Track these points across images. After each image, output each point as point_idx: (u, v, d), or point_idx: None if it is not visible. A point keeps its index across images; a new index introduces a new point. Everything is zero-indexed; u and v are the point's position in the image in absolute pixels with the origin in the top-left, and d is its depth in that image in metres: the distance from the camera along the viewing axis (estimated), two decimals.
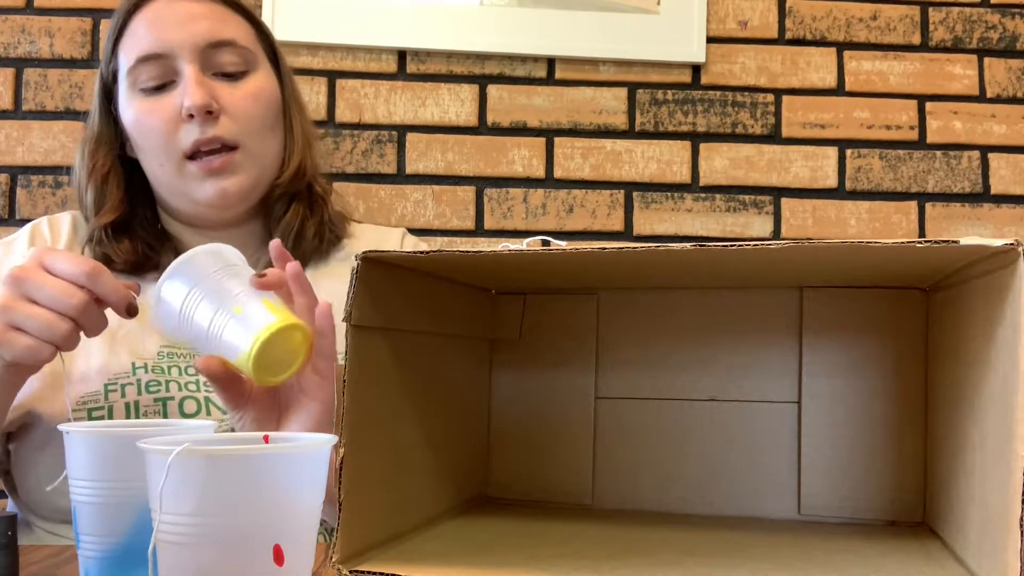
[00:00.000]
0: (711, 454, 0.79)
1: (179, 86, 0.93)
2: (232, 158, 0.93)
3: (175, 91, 0.93)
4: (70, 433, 0.56)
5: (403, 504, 0.67)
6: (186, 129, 0.92)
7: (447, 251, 0.58)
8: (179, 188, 0.95)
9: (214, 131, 0.92)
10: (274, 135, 0.98)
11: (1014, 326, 0.50)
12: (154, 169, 0.96)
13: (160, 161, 0.94)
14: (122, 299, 0.74)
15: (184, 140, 0.92)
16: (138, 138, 0.95)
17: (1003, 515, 0.50)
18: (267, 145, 0.97)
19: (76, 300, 0.72)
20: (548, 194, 1.58)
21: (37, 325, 0.71)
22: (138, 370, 0.91)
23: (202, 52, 0.93)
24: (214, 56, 0.94)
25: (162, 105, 0.92)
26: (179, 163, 0.93)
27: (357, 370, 0.58)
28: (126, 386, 0.89)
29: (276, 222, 1.00)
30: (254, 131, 0.95)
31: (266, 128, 0.97)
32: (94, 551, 0.55)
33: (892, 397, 0.76)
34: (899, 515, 0.75)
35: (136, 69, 0.93)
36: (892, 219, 1.61)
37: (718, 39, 1.61)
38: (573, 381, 0.83)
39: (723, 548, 0.65)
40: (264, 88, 0.97)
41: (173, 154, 0.93)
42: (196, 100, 0.90)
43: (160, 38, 0.93)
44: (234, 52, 0.95)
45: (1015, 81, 1.63)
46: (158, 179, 0.97)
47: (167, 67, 0.93)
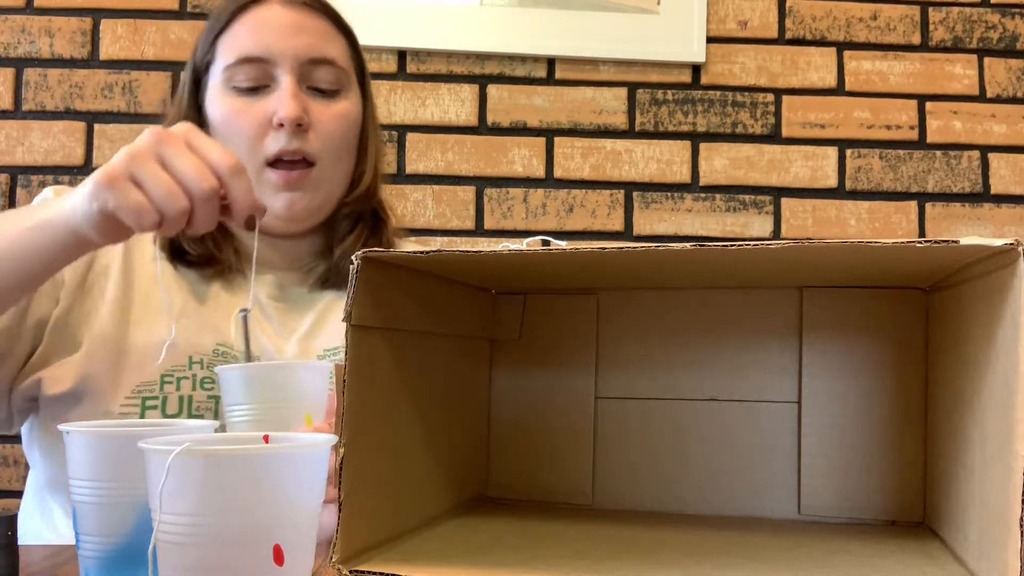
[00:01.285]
0: (711, 454, 0.79)
1: (273, 93, 0.94)
2: (308, 174, 0.94)
3: (268, 97, 0.94)
4: (70, 433, 0.56)
5: (403, 504, 0.67)
6: (273, 136, 0.93)
7: (447, 251, 0.58)
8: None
9: (299, 144, 0.93)
10: (349, 157, 1.00)
11: (1014, 326, 0.50)
12: None
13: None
14: (248, 207, 0.73)
15: (269, 147, 0.93)
16: (224, 136, 0.95)
17: (1003, 515, 0.50)
18: (341, 166, 0.99)
19: (206, 185, 0.71)
20: (548, 194, 1.58)
21: (158, 188, 0.70)
22: (194, 365, 0.91)
23: (302, 65, 0.94)
24: (312, 71, 0.95)
25: (254, 108, 0.93)
26: (259, 168, 0.94)
27: (357, 370, 0.58)
28: (182, 379, 0.90)
29: (339, 241, 1.01)
30: (333, 151, 0.96)
31: (344, 149, 0.98)
32: (94, 551, 0.55)
33: (892, 397, 0.76)
34: (899, 515, 0.75)
35: (234, 67, 0.94)
36: (892, 219, 1.61)
37: (718, 39, 1.61)
38: (573, 381, 0.83)
39: (723, 548, 0.65)
40: (351, 111, 0.98)
41: (255, 158, 0.93)
42: (291, 112, 0.91)
43: (264, 43, 0.94)
44: (331, 71, 0.96)
45: (1015, 81, 1.63)
46: None
47: (265, 72, 0.94)
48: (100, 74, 1.53)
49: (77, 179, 1.50)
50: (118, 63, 1.54)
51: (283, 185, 0.94)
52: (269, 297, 0.99)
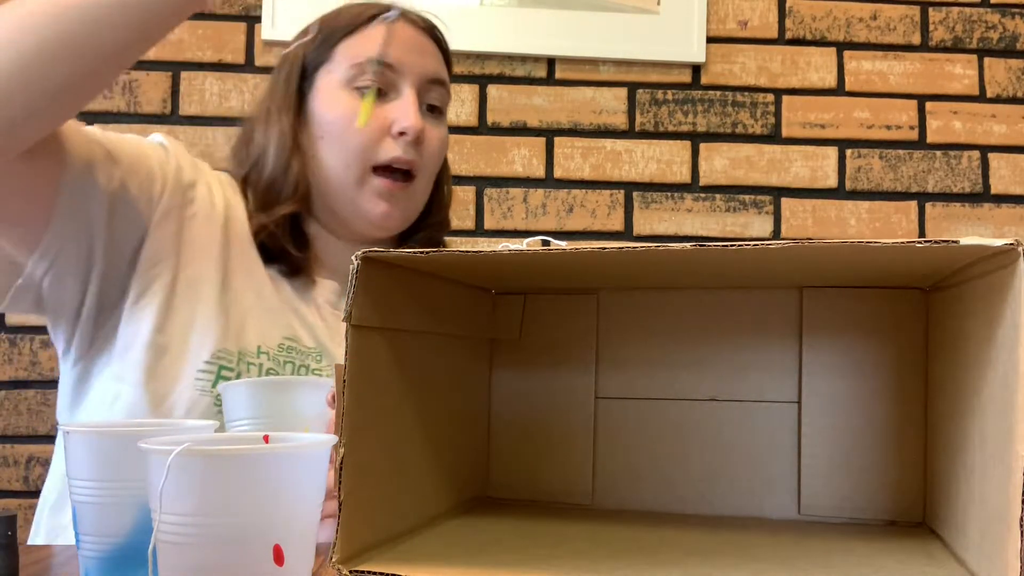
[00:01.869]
0: (711, 454, 0.79)
1: (392, 102, 0.96)
2: (409, 187, 0.98)
3: (388, 104, 0.96)
4: (70, 433, 0.56)
5: (403, 504, 0.67)
6: (389, 143, 0.95)
7: (447, 251, 0.58)
8: (351, 195, 0.97)
9: (413, 156, 0.96)
10: (433, 179, 1.03)
11: (1014, 326, 0.50)
12: (336, 166, 0.97)
13: (348, 162, 0.96)
14: None
15: (384, 152, 0.95)
16: (336, 133, 0.96)
17: (1003, 515, 0.50)
18: (429, 186, 1.02)
19: None
20: (548, 194, 1.58)
21: None
22: (262, 355, 0.93)
23: (424, 83, 0.98)
24: (429, 91, 0.99)
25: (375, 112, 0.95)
26: (365, 172, 0.96)
27: (357, 370, 0.58)
28: (251, 364, 0.92)
29: None
30: (430, 169, 1.00)
31: (435, 171, 1.02)
32: (94, 551, 0.55)
33: (892, 397, 0.76)
34: (899, 515, 0.75)
35: (362, 66, 0.95)
36: (892, 219, 1.61)
37: (718, 39, 1.61)
38: (573, 381, 0.83)
39: (723, 548, 0.65)
40: (446, 135, 1.03)
41: (364, 160, 0.95)
42: (416, 124, 0.95)
43: (396, 54, 0.96)
44: (442, 94, 1.01)
45: (1015, 81, 1.63)
46: (333, 177, 0.97)
47: (389, 79, 0.96)
48: None
49: None
50: None
51: (386, 193, 0.96)
52: (327, 302, 1.00)
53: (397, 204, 0.97)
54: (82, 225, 0.86)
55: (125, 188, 0.89)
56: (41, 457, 1.49)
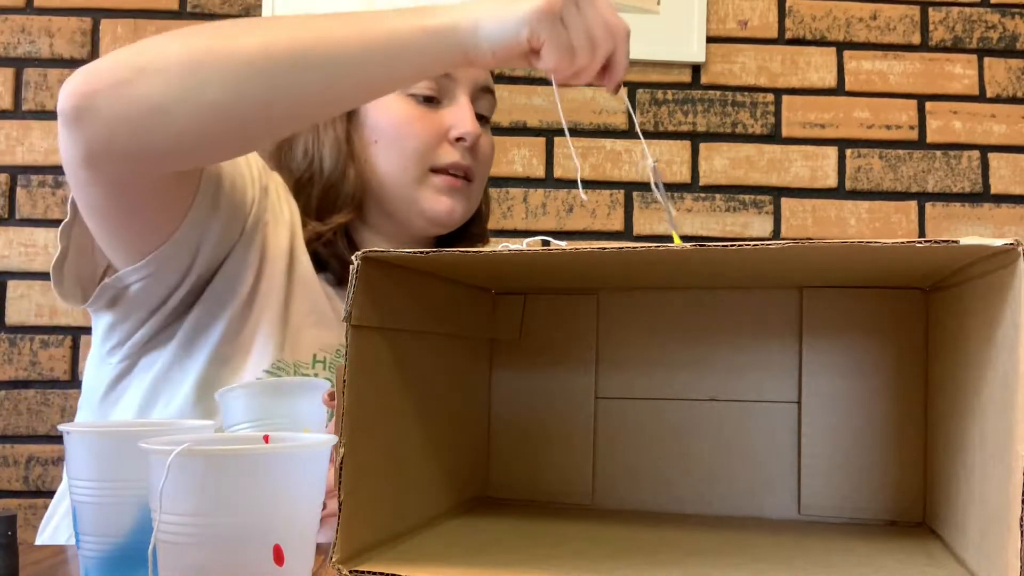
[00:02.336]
0: (711, 454, 0.79)
1: (448, 108, 0.97)
2: (468, 186, 0.99)
3: (443, 110, 0.97)
4: (70, 433, 0.56)
5: (403, 504, 0.67)
6: (447, 148, 0.97)
7: (447, 251, 0.58)
8: (411, 194, 0.97)
9: (470, 161, 0.98)
10: (484, 186, 1.05)
11: (1014, 326, 0.50)
12: (391, 169, 0.96)
13: (405, 165, 0.96)
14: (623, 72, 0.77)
15: (442, 157, 0.96)
16: (394, 138, 0.96)
17: (1003, 515, 0.50)
18: (481, 191, 1.04)
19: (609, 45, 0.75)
20: (548, 194, 1.58)
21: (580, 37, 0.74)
22: (317, 363, 0.93)
23: (477, 91, 0.99)
24: (480, 98, 1.00)
25: (431, 118, 0.96)
26: (423, 173, 0.96)
27: (357, 370, 0.58)
28: (305, 375, 0.92)
29: None
30: (483, 173, 1.02)
31: (486, 177, 1.04)
32: (94, 551, 0.55)
33: (892, 397, 0.76)
34: (899, 515, 0.75)
35: None
36: (892, 219, 1.61)
37: (718, 39, 1.61)
38: (573, 381, 0.83)
39: (723, 548, 0.65)
40: (493, 141, 1.05)
41: (423, 164, 0.96)
42: (474, 130, 0.96)
43: None
44: (491, 102, 1.03)
45: (1015, 81, 1.63)
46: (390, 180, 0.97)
47: (444, 87, 0.97)
48: None
49: None
50: None
51: (448, 190, 0.97)
52: None
53: (459, 200, 0.98)
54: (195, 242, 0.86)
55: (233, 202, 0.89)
56: (41, 457, 1.49)
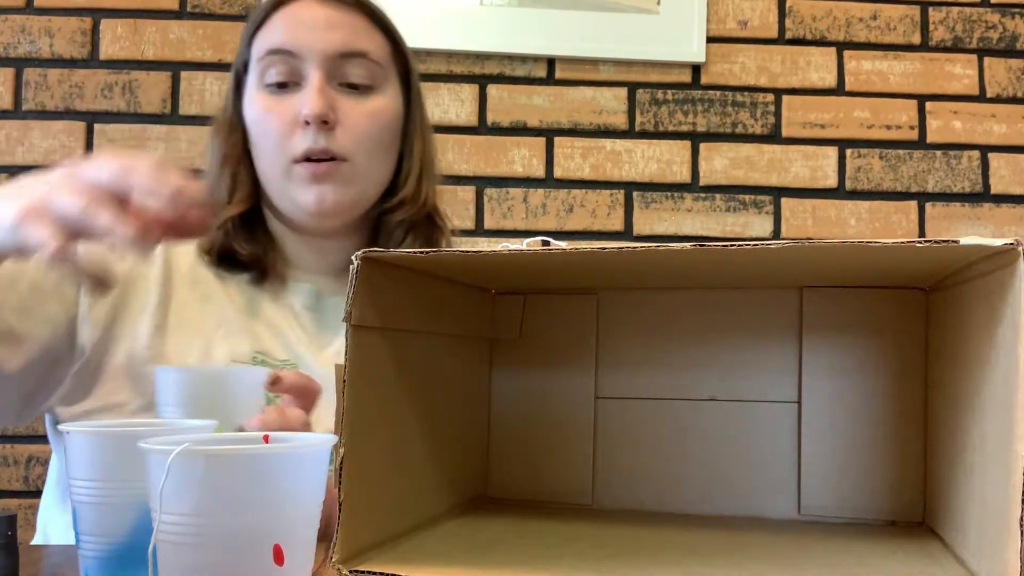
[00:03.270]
0: (711, 454, 0.79)
1: (302, 90, 0.92)
2: (338, 169, 0.92)
3: (297, 94, 0.92)
4: (70, 433, 0.56)
5: (403, 504, 0.67)
6: (301, 135, 0.91)
7: (447, 251, 0.58)
8: (284, 189, 0.94)
9: (326, 143, 0.91)
10: (387, 156, 0.97)
11: (1014, 326, 0.50)
12: (264, 167, 0.95)
13: (271, 160, 0.93)
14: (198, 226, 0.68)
15: (297, 145, 0.91)
16: (256, 135, 0.94)
17: (1003, 515, 0.50)
18: (376, 164, 0.96)
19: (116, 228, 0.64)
20: (548, 194, 1.58)
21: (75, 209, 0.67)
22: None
23: (331, 61, 0.92)
24: (343, 67, 0.93)
25: (282, 106, 0.92)
26: (287, 166, 0.92)
27: (357, 370, 0.58)
28: None
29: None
30: (365, 148, 0.94)
31: (380, 148, 0.95)
32: (94, 551, 0.55)
33: (892, 397, 0.76)
34: (899, 515, 0.75)
35: (263, 62, 0.93)
36: (892, 219, 1.61)
37: (718, 39, 1.61)
38: (573, 381, 0.83)
39: (723, 548, 0.65)
40: (386, 107, 0.96)
41: (284, 156, 0.92)
42: (314, 109, 0.90)
43: (294, 37, 0.92)
44: (364, 66, 0.94)
45: (1015, 81, 1.63)
46: (267, 177, 0.96)
47: (294, 67, 0.92)
48: (100, 74, 1.53)
49: None
50: (118, 63, 1.54)
51: (311, 178, 0.92)
52: (304, 307, 0.98)
53: (328, 186, 0.92)
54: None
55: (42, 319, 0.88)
56: (41, 457, 1.49)
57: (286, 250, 0.99)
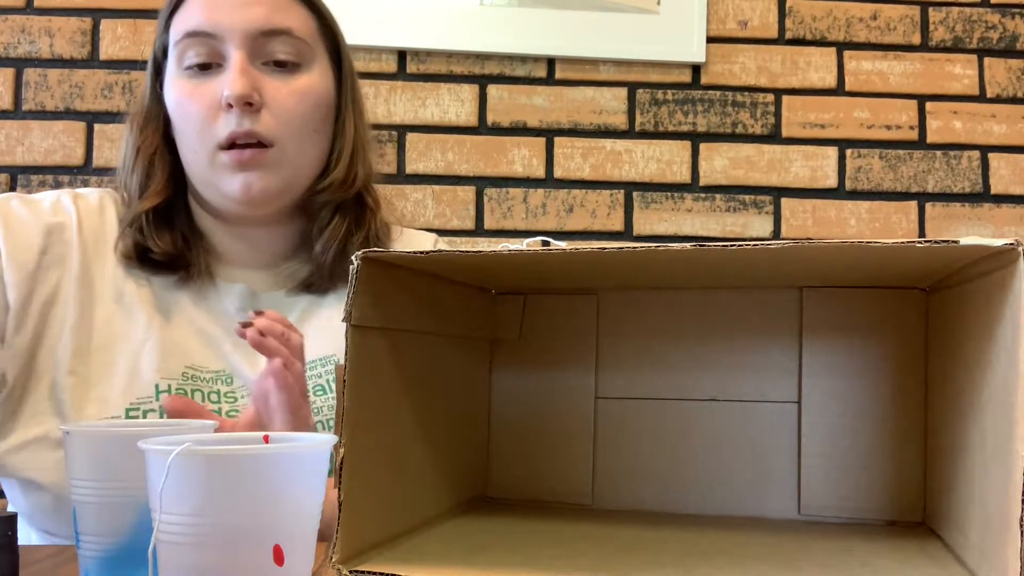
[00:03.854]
0: (711, 454, 0.79)
1: (224, 72, 0.87)
2: (264, 154, 0.88)
3: (219, 76, 0.88)
4: (70, 433, 0.56)
5: (403, 504, 0.67)
6: (224, 119, 0.87)
7: (447, 251, 0.58)
8: (209, 178, 0.89)
9: (251, 125, 0.86)
10: (318, 137, 0.92)
11: (1014, 326, 0.50)
12: (188, 155, 0.90)
13: (194, 148, 0.89)
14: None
15: (221, 130, 0.87)
16: (178, 121, 0.90)
17: (1003, 515, 0.50)
18: (306, 147, 0.91)
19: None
20: (548, 194, 1.58)
21: None
22: (161, 393, 0.86)
23: (253, 39, 0.87)
24: (266, 45, 0.88)
25: (203, 90, 0.87)
26: (212, 152, 0.88)
27: (357, 370, 0.58)
28: (148, 412, 0.85)
29: (320, 232, 0.94)
30: (294, 130, 0.89)
31: (308, 129, 0.91)
32: (94, 551, 0.55)
33: (892, 397, 0.76)
34: (899, 515, 0.75)
35: (182, 44, 0.88)
36: (892, 219, 1.61)
37: (718, 39, 1.61)
38: (573, 381, 0.83)
39: (723, 548, 0.65)
40: (314, 86, 0.91)
41: (207, 142, 0.87)
42: (236, 90, 0.85)
43: (212, 18, 0.87)
44: (288, 43, 0.89)
45: (1015, 81, 1.63)
46: (191, 165, 0.91)
47: (214, 49, 0.87)
48: (100, 74, 1.53)
49: (77, 179, 1.50)
50: (118, 63, 1.54)
51: (236, 166, 0.87)
52: (239, 310, 0.92)
53: (255, 173, 0.88)
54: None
55: None
56: None
57: (215, 244, 0.94)
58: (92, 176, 1.50)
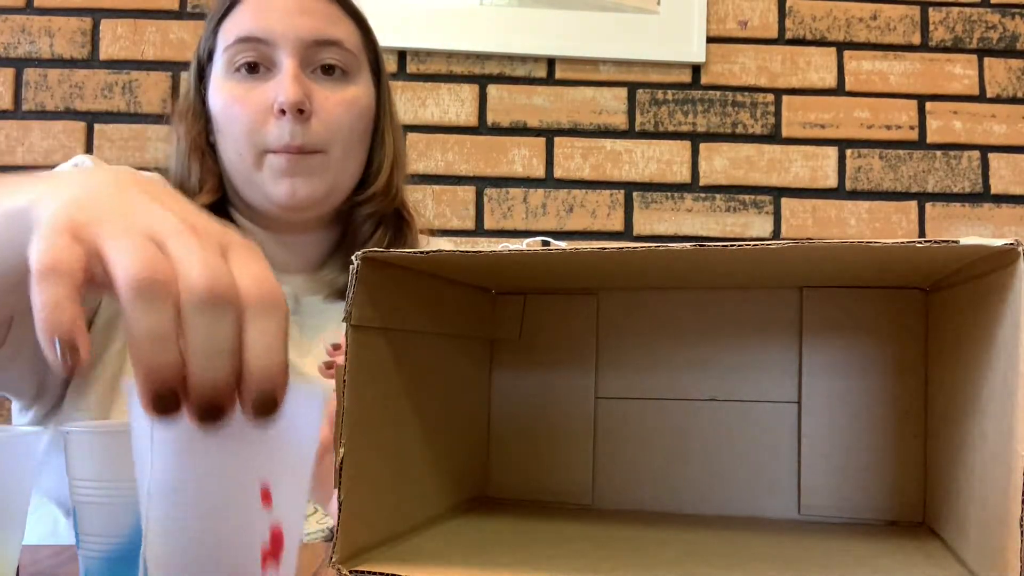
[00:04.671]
0: (711, 454, 0.79)
1: (275, 77, 0.89)
2: (312, 160, 0.90)
3: (270, 82, 0.89)
4: (71, 433, 0.56)
5: (403, 504, 0.67)
6: (275, 124, 0.88)
7: (447, 251, 0.58)
8: (254, 181, 0.91)
9: (303, 137, 0.88)
10: (361, 147, 0.95)
11: (1014, 326, 0.50)
12: (232, 158, 0.92)
13: (240, 150, 0.90)
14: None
15: (271, 135, 0.88)
16: (224, 123, 0.91)
17: (1003, 515, 0.50)
18: (351, 156, 0.93)
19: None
20: (548, 194, 1.58)
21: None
22: None
23: (306, 48, 0.89)
24: (316, 54, 0.90)
25: (254, 94, 0.89)
26: (259, 155, 0.89)
27: (357, 370, 0.58)
28: None
29: (360, 245, 0.97)
30: (341, 139, 0.91)
31: (354, 139, 0.93)
32: (94, 551, 0.55)
33: (892, 397, 0.76)
34: (899, 515, 0.75)
35: (233, 48, 0.90)
36: (892, 219, 1.61)
37: (718, 39, 1.61)
38: (573, 381, 0.83)
39: (723, 548, 0.65)
40: (360, 97, 0.93)
41: (255, 146, 0.89)
42: (291, 96, 0.87)
43: (265, 24, 0.89)
44: (337, 54, 0.91)
45: (1015, 81, 1.63)
46: (235, 168, 0.92)
47: (265, 54, 0.89)
48: (100, 74, 1.53)
49: None
50: (118, 63, 1.54)
51: (286, 170, 0.89)
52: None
53: (302, 178, 0.90)
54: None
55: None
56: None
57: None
58: None
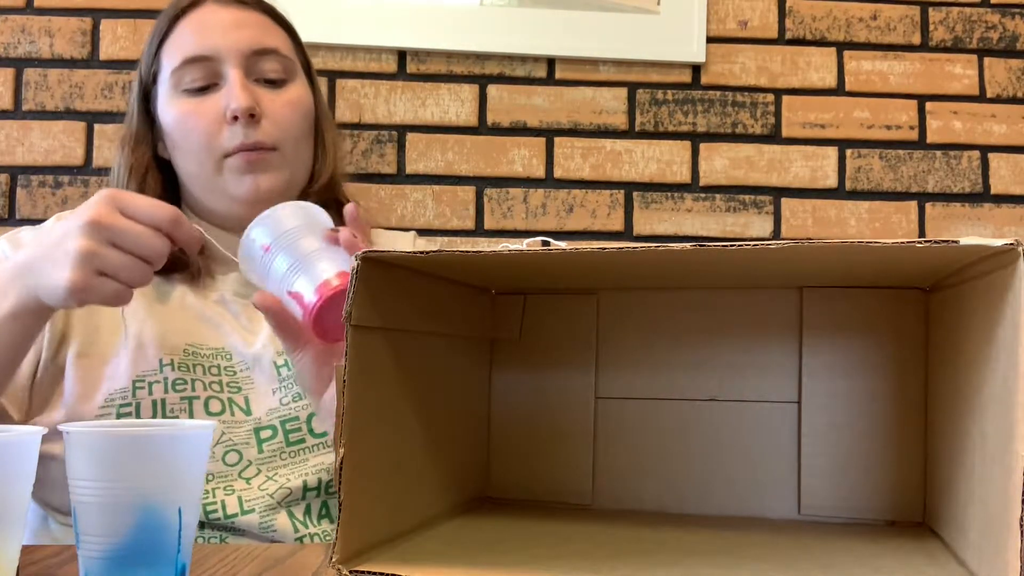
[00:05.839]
0: (711, 454, 0.79)
1: (222, 89, 0.96)
2: (270, 156, 0.96)
3: (218, 94, 0.96)
4: (70, 433, 0.56)
5: (403, 504, 0.67)
6: (229, 131, 0.95)
7: (447, 251, 0.58)
8: (216, 185, 0.97)
9: (256, 136, 0.95)
10: (307, 143, 1.02)
11: (1014, 326, 0.50)
12: (191, 168, 0.98)
13: (199, 160, 0.96)
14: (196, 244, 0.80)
15: (227, 142, 0.95)
16: (179, 138, 0.97)
17: (1003, 515, 0.50)
18: (301, 152, 1.01)
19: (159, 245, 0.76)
20: (548, 194, 1.58)
21: (124, 271, 0.75)
22: (165, 367, 0.92)
23: (247, 58, 0.96)
24: (257, 63, 0.97)
25: (205, 107, 0.95)
26: (218, 161, 0.95)
27: (357, 370, 0.58)
28: (153, 384, 0.91)
29: None
30: (291, 137, 0.98)
31: (302, 135, 1.01)
32: (94, 551, 0.55)
33: (892, 397, 0.76)
34: (899, 515, 0.75)
35: (181, 70, 0.96)
36: (892, 219, 1.61)
37: (718, 39, 1.61)
38: (573, 381, 0.83)
39: (723, 548, 0.65)
40: (302, 97, 1.01)
41: (213, 152, 0.95)
42: (242, 103, 0.93)
43: (207, 42, 0.96)
44: (276, 60, 0.98)
45: (1015, 81, 1.63)
46: (194, 178, 0.99)
47: (211, 70, 0.96)
48: (100, 74, 1.53)
49: (77, 179, 1.50)
50: (118, 63, 1.54)
51: (246, 167, 0.95)
52: (235, 294, 0.99)
53: (263, 173, 0.96)
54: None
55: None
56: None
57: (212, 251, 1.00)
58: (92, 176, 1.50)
